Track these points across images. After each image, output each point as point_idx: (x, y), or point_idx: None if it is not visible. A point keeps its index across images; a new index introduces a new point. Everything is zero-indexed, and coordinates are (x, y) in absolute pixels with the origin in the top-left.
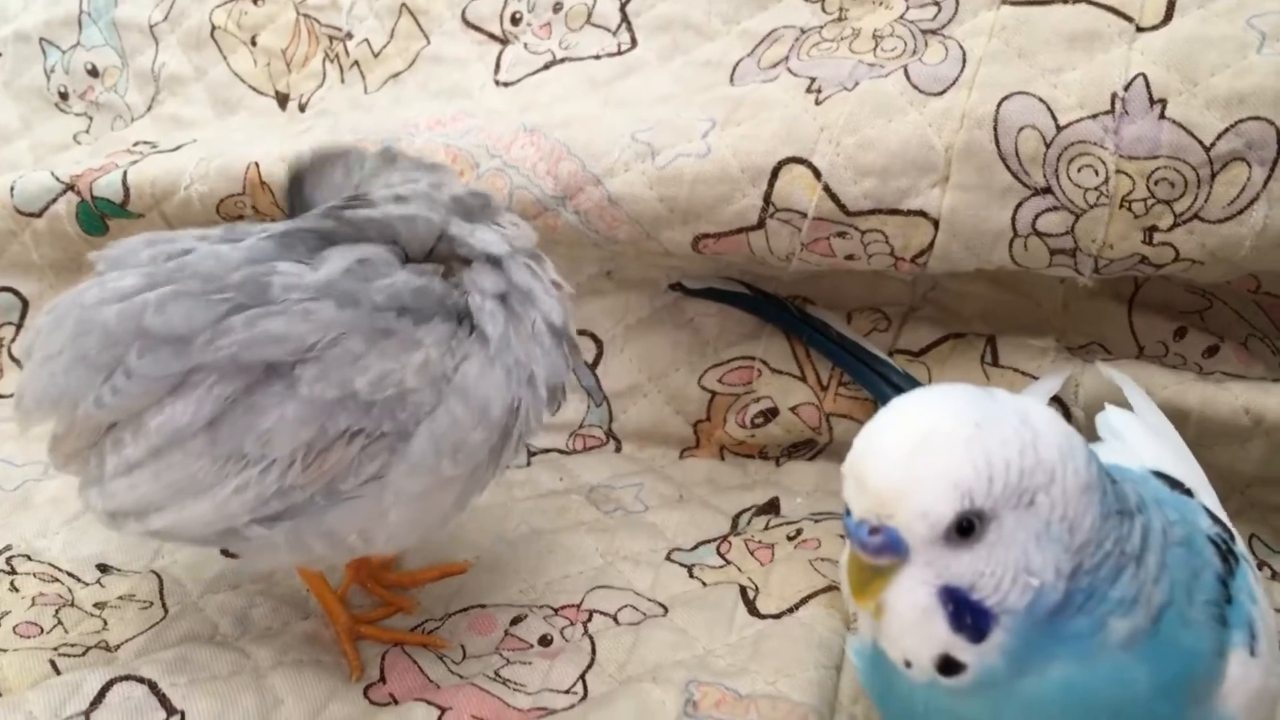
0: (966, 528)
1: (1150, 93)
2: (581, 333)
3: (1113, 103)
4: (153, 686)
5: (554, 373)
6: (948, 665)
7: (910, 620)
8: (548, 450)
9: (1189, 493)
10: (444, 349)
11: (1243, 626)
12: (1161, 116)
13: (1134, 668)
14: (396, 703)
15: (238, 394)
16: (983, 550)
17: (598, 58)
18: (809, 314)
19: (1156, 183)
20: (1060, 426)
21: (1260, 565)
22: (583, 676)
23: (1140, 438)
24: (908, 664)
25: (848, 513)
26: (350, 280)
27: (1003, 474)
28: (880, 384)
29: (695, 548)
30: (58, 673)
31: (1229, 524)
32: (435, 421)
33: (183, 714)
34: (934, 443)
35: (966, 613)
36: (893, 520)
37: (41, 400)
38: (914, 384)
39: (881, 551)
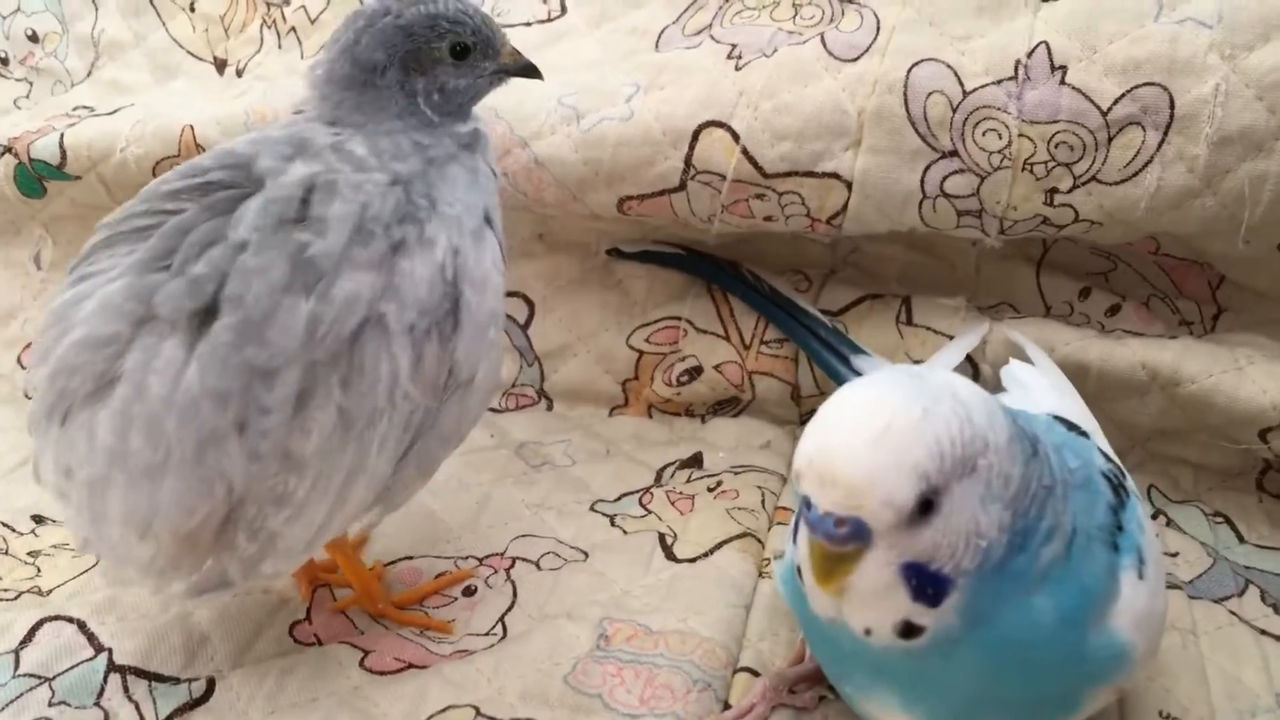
0: (925, 507)
1: (1052, 59)
2: (514, 294)
3: (1016, 69)
4: (81, 626)
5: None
6: (908, 630)
7: (873, 597)
8: None
9: (1086, 435)
10: (446, 238)
11: (1132, 552)
12: (1062, 82)
13: (1043, 599)
14: (321, 644)
15: (345, 369)
16: (939, 522)
17: (529, 24)
18: (743, 272)
19: (1056, 146)
20: (982, 393)
21: (1156, 514)
22: (502, 618)
23: (1043, 388)
24: (868, 632)
25: (807, 505)
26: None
27: (949, 451)
28: (809, 339)
29: (618, 499)
30: None
31: (1120, 463)
32: (465, 298)
33: (110, 651)
34: (891, 434)
35: (927, 583)
36: (860, 511)
37: (189, 498)
38: (840, 338)
39: (848, 541)
